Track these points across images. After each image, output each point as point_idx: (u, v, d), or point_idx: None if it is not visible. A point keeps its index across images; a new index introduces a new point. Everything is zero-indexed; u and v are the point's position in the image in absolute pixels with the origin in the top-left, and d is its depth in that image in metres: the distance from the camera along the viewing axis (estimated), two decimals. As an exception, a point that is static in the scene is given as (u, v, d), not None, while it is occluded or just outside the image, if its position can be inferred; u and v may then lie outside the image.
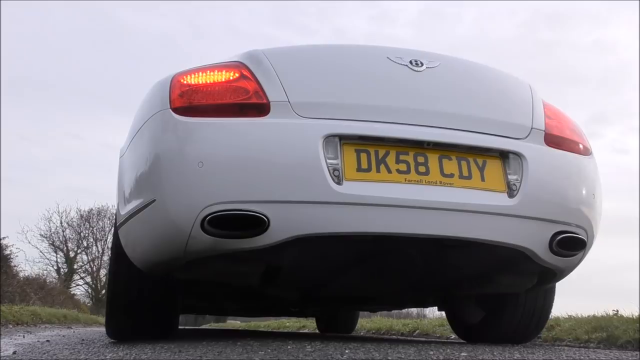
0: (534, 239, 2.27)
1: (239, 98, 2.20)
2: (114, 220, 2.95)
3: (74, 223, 28.55)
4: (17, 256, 19.29)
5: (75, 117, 42.97)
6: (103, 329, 4.28)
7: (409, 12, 49.02)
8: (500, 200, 2.23)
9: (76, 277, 28.29)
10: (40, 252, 28.19)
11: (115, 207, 2.71)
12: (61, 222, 28.39)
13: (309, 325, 8.90)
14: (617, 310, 4.44)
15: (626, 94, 52.87)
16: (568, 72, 50.17)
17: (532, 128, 2.42)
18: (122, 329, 2.79)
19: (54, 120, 42.66)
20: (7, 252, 16.72)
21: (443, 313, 3.75)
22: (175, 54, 40.33)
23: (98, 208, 28.91)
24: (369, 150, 2.16)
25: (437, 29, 47.89)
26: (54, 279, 24.56)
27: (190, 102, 2.21)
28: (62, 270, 27.72)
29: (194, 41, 44.52)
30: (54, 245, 27.94)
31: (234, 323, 18.87)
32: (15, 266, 17.95)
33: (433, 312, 9.53)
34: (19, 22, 38.67)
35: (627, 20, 55.62)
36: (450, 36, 46.38)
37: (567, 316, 4.63)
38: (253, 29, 44.47)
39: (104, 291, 25.63)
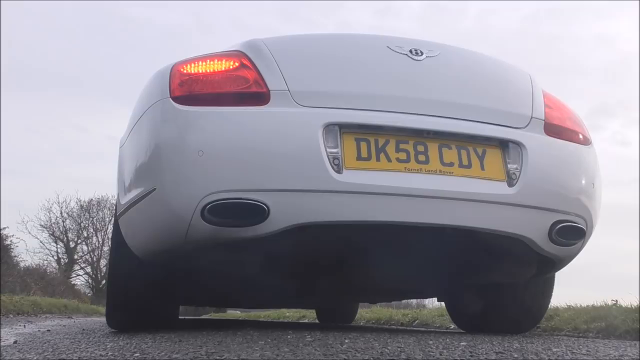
0: (533, 228, 2.27)
1: (239, 87, 2.20)
2: (114, 211, 2.95)
3: (74, 213, 28.61)
4: (17, 246, 19.39)
5: (81, 109, 43.11)
6: (103, 319, 4.29)
7: (413, 7, 49.27)
8: (499, 189, 2.22)
9: (76, 267, 28.37)
10: (41, 242, 28.27)
11: (116, 197, 2.71)
12: (61, 213, 28.43)
13: (309, 315, 8.92)
14: (616, 300, 4.44)
15: (628, 86, 52.96)
16: (570, 65, 50.38)
17: (531, 117, 2.41)
18: (122, 319, 2.80)
19: (61, 113, 42.87)
20: (8, 242, 16.78)
21: (442, 303, 3.76)
22: (181, 47, 40.48)
23: (98, 198, 28.98)
24: (368, 139, 2.16)
25: (441, 22, 48.09)
26: (54, 269, 24.67)
27: (190, 91, 2.20)
28: (62, 260, 27.77)
29: (200, 34, 44.72)
30: (54, 236, 28.00)
31: (234, 313, 18.93)
32: (15, 256, 18.04)
33: (432, 303, 9.53)
34: (25, 14, 38.64)
35: (629, 14, 55.75)
36: (454, 30, 46.60)
37: (566, 306, 4.63)
38: (259, 22, 44.66)
39: (104, 281, 25.67)
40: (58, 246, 28.15)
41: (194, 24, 45.36)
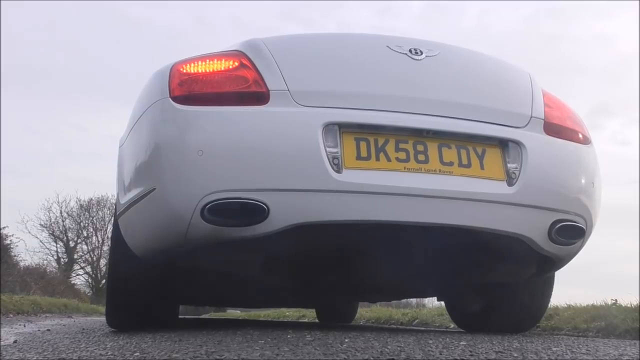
0: (533, 227, 2.27)
1: (239, 87, 2.20)
2: (113, 210, 2.95)
3: (74, 213, 28.58)
4: (17, 246, 19.39)
5: (81, 109, 43.12)
6: (103, 319, 4.29)
7: (413, 7, 49.43)
8: (499, 188, 2.22)
9: (76, 266, 28.33)
10: (40, 241, 28.25)
11: (115, 196, 2.71)
12: (61, 212, 28.41)
13: (309, 314, 8.92)
14: (616, 300, 4.44)
15: (628, 86, 53.13)
16: (570, 64, 50.53)
17: (531, 117, 2.41)
18: (122, 318, 2.80)
19: (60, 112, 42.89)
20: (7, 241, 16.78)
21: (442, 303, 3.75)
22: (181, 47, 40.44)
23: (97, 198, 28.93)
24: (368, 138, 2.16)
25: (441, 22, 48.20)
26: (54, 269, 24.67)
27: (190, 91, 2.20)
28: (62, 260, 27.75)
29: (200, 34, 44.76)
30: (53, 235, 27.97)
31: (233, 313, 18.93)
32: (15, 256, 18.05)
33: (432, 302, 9.55)
34: (25, 14, 38.64)
35: (629, 14, 55.93)
36: (454, 30, 46.70)
37: (566, 305, 4.64)
38: (259, 22, 44.69)
39: (104, 281, 25.65)
40: (58, 246, 28.16)
41: (194, 24, 45.48)
